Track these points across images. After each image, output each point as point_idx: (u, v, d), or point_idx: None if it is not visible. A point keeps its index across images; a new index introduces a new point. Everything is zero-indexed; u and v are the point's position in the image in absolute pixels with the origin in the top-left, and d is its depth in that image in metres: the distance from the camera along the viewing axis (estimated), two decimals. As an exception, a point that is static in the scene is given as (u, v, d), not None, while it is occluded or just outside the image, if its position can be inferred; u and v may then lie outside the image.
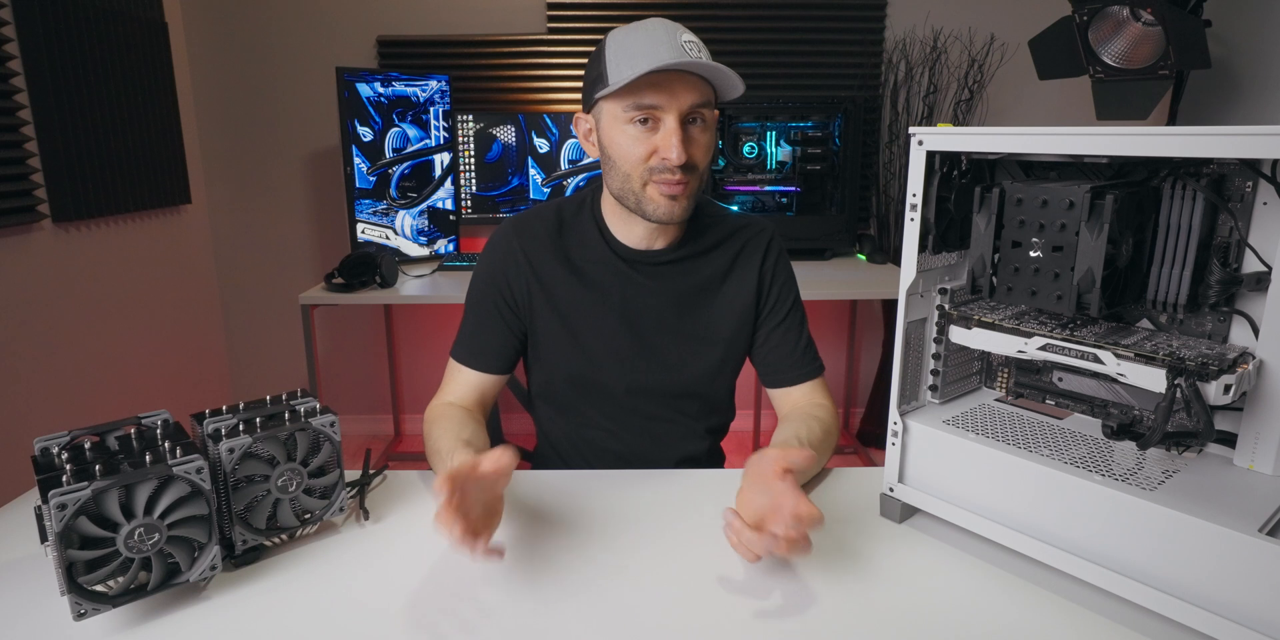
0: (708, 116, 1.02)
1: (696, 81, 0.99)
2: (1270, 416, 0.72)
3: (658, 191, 1.02)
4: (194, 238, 2.78)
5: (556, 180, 2.67)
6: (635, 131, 1.00)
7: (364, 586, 0.79)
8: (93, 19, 2.15)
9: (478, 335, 1.14)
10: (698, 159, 1.02)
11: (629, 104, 0.99)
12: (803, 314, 1.19)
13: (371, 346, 3.00)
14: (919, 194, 0.82)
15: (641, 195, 1.03)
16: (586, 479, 1.03)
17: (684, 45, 0.97)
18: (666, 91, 0.97)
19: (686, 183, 1.01)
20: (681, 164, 0.99)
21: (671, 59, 0.95)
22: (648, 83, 0.97)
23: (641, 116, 0.99)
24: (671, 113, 0.98)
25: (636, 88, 0.98)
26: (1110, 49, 1.94)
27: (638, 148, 1.00)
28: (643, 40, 0.98)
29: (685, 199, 1.03)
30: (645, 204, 1.03)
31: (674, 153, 0.98)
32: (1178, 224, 0.76)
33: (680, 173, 1.00)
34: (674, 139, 0.98)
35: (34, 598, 0.75)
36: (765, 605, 0.76)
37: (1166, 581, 0.69)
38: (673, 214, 1.03)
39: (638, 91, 0.98)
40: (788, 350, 1.15)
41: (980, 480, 0.82)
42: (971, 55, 2.72)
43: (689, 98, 0.98)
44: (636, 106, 0.99)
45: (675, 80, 0.97)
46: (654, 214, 1.03)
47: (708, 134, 1.03)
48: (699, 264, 1.14)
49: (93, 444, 0.78)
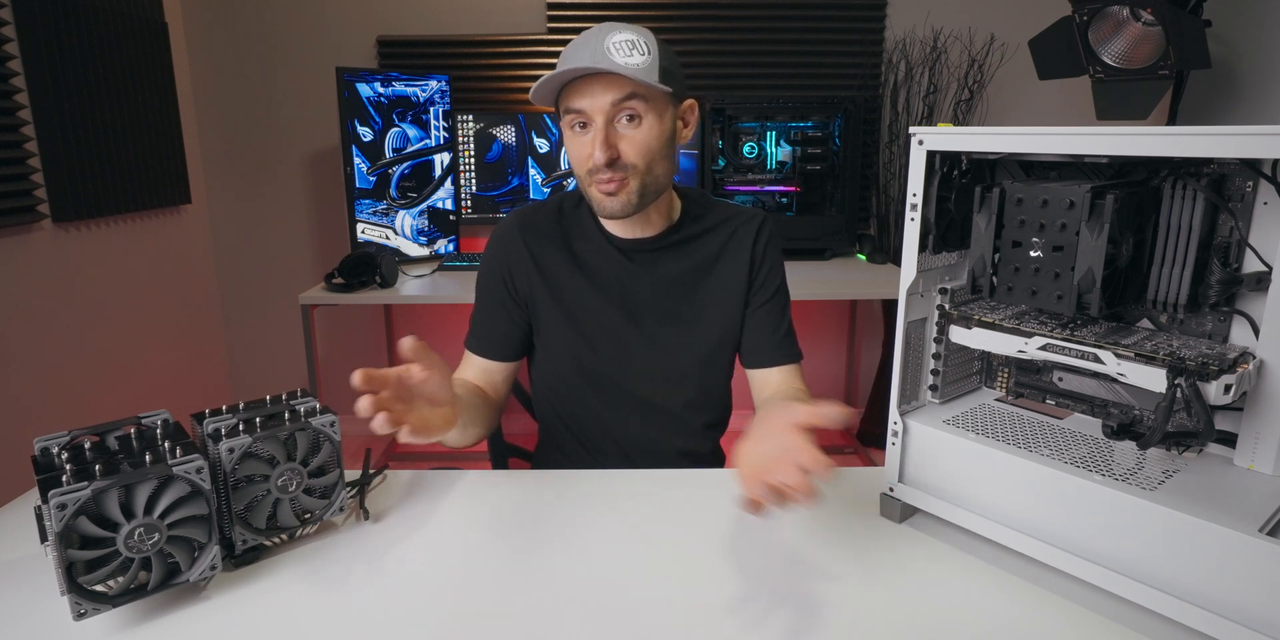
0: (639, 109, 1.02)
1: (619, 81, 1.00)
2: (1270, 416, 0.72)
3: (596, 190, 1.05)
4: (194, 238, 2.78)
5: (556, 180, 2.67)
6: (575, 136, 1.05)
7: (364, 586, 0.79)
8: (93, 19, 2.15)
9: (486, 324, 1.18)
10: (629, 155, 1.03)
11: (564, 110, 1.04)
12: (787, 300, 1.21)
13: (371, 346, 3.00)
14: (919, 194, 0.82)
15: (589, 195, 1.07)
16: (587, 479, 1.03)
17: (611, 46, 0.98)
18: (587, 94, 1.01)
19: (622, 180, 1.03)
20: (608, 163, 1.01)
21: (580, 65, 0.97)
22: (574, 88, 1.02)
23: (578, 121, 1.03)
24: (597, 114, 1.01)
25: (566, 94, 1.03)
26: (1110, 49, 1.94)
27: (578, 151, 1.05)
28: (571, 48, 1.02)
29: (625, 194, 1.04)
30: (592, 202, 1.08)
31: (597, 154, 1.01)
32: (1178, 224, 0.76)
33: (610, 171, 1.02)
34: (596, 139, 1.01)
35: (34, 598, 0.75)
36: (765, 605, 0.76)
37: (1166, 581, 0.69)
38: (613, 210, 1.06)
39: (566, 97, 1.03)
40: (769, 332, 1.18)
41: (980, 480, 0.82)
42: (971, 55, 2.72)
43: (607, 96, 1.00)
44: (568, 111, 1.03)
45: (595, 82, 1.00)
46: (600, 212, 1.08)
47: (643, 129, 1.03)
48: (690, 248, 1.16)
49: (93, 444, 0.78)
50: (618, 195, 1.04)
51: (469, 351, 1.19)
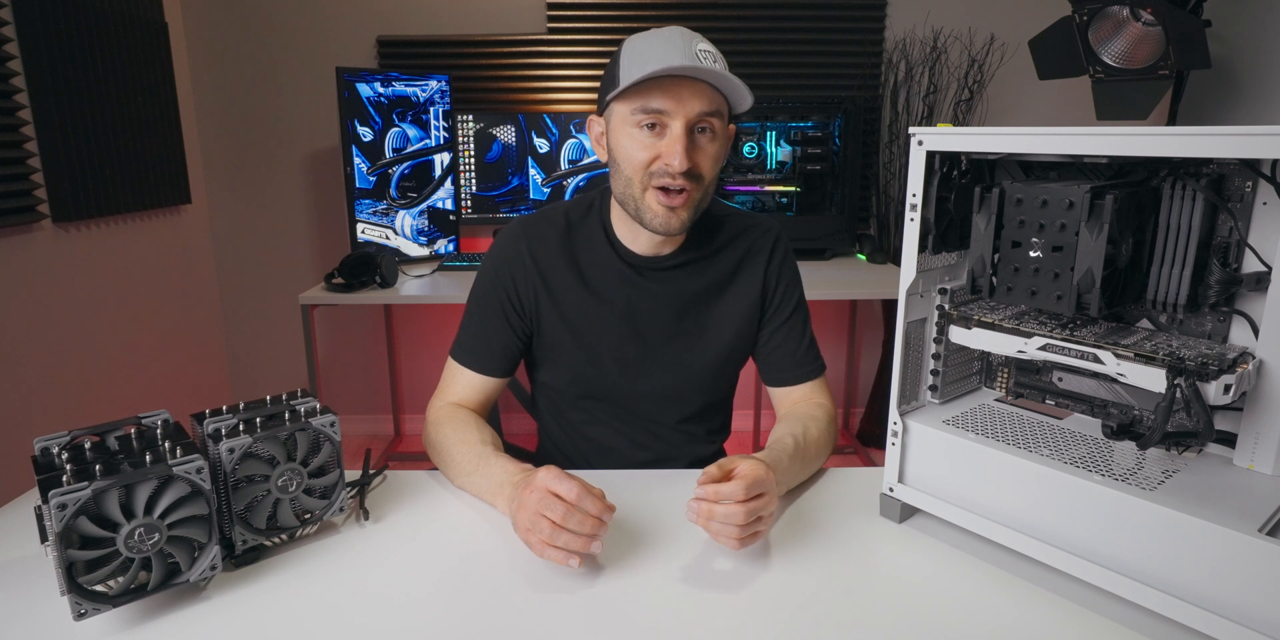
0: (717, 127, 1.00)
1: (707, 90, 0.97)
2: (1270, 416, 0.72)
3: (656, 200, 1.00)
4: (194, 238, 2.78)
5: (556, 180, 2.67)
6: (641, 136, 0.99)
7: (364, 586, 0.79)
8: (93, 19, 2.15)
9: (481, 337, 1.13)
10: (703, 168, 1.00)
11: (636, 107, 0.98)
12: (806, 314, 1.18)
13: (371, 346, 3.00)
14: (919, 194, 0.82)
15: (641, 201, 1.02)
16: (586, 478, 1.03)
17: (699, 53, 0.95)
18: (674, 97, 0.96)
19: (688, 193, 1.00)
20: (684, 171, 0.97)
21: (681, 63, 0.93)
22: (657, 87, 0.96)
23: (649, 121, 0.98)
24: (679, 119, 0.97)
25: (645, 91, 0.97)
26: (1110, 49, 1.94)
27: (642, 152, 0.99)
28: (656, 44, 0.97)
29: (685, 210, 1.01)
30: (644, 211, 1.02)
31: (677, 159, 0.96)
32: (1178, 224, 0.76)
33: (682, 179, 0.98)
34: (679, 145, 0.96)
35: (34, 598, 0.75)
36: (765, 605, 0.76)
37: (1166, 581, 0.69)
38: (669, 226, 1.02)
39: (646, 95, 0.97)
40: (790, 350, 1.15)
41: (980, 480, 0.82)
42: (971, 55, 2.72)
43: (697, 105, 0.97)
44: (644, 110, 0.97)
45: (684, 86, 0.96)
46: (651, 223, 1.02)
47: (716, 145, 1.01)
48: (705, 267, 1.13)
49: (93, 444, 0.78)
50: (677, 211, 1.01)
51: (459, 365, 1.13)
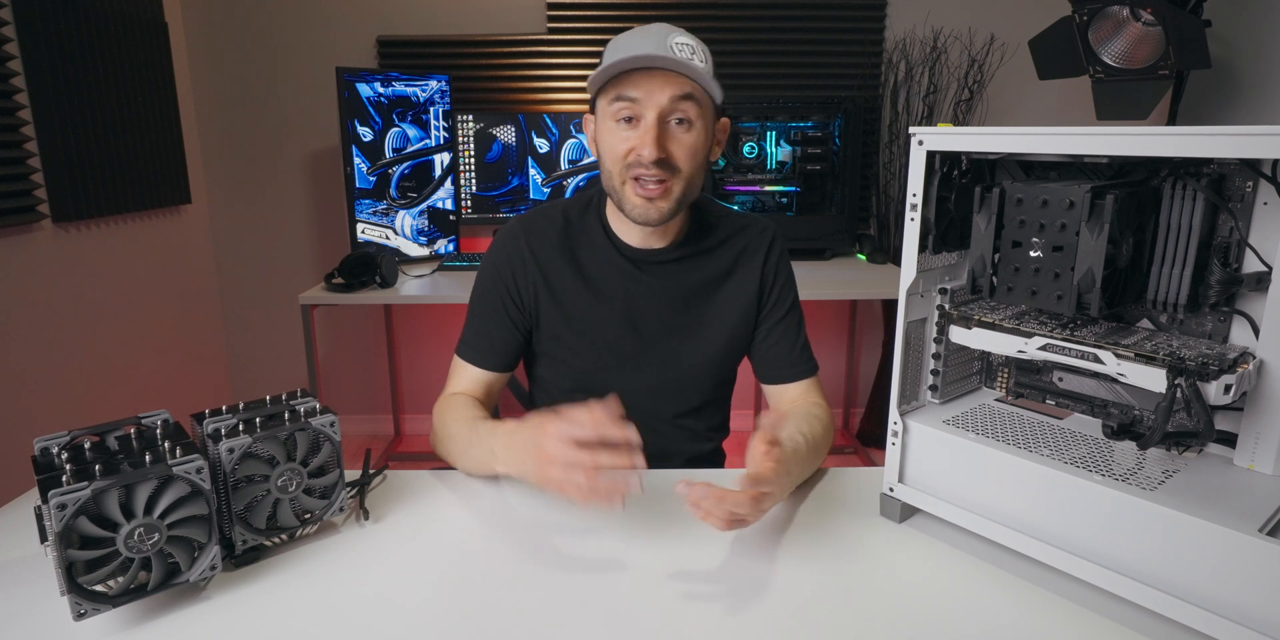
0: (693, 116, 1.01)
1: (680, 79, 0.99)
2: (1270, 416, 0.72)
3: (633, 191, 1.03)
4: (194, 238, 2.78)
5: (556, 180, 2.67)
6: (619, 128, 1.02)
7: (364, 587, 0.79)
8: (93, 19, 2.15)
9: (483, 333, 1.14)
10: (678, 158, 1.01)
11: (612, 97, 1.01)
12: (801, 314, 1.20)
13: (371, 346, 3.00)
14: (919, 194, 0.82)
15: (621, 193, 1.04)
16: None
17: (673, 45, 0.97)
18: (644, 86, 0.99)
19: (666, 184, 1.01)
20: (656, 160, 0.99)
21: (649, 53, 0.96)
22: (629, 78, 0.99)
23: (625, 114, 1.00)
24: (651, 109, 0.99)
25: (619, 83, 1.00)
26: (1110, 49, 1.94)
27: (620, 145, 1.02)
28: (633, 38, 1.00)
29: (664, 201, 1.03)
30: (625, 203, 1.05)
31: (648, 149, 0.98)
32: (1178, 224, 0.76)
33: (656, 169, 1.00)
34: (649, 135, 0.99)
35: (34, 598, 0.75)
36: (765, 605, 0.76)
37: (1166, 581, 0.69)
38: (649, 216, 1.03)
39: (620, 86, 1.00)
40: (786, 348, 1.16)
41: (980, 480, 0.82)
42: (971, 55, 2.72)
43: (666, 91, 0.98)
44: (618, 99, 1.00)
45: (655, 77, 0.98)
46: (631, 214, 1.05)
47: (693, 135, 1.02)
48: (702, 262, 1.14)
49: (93, 444, 0.78)
50: (655, 202, 1.02)
51: (464, 362, 1.15)
